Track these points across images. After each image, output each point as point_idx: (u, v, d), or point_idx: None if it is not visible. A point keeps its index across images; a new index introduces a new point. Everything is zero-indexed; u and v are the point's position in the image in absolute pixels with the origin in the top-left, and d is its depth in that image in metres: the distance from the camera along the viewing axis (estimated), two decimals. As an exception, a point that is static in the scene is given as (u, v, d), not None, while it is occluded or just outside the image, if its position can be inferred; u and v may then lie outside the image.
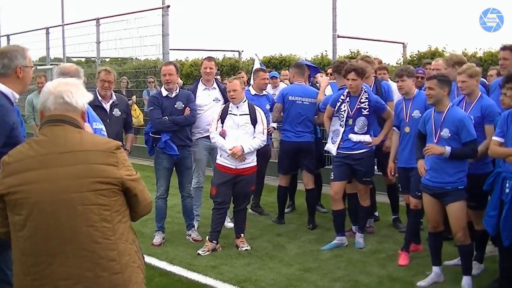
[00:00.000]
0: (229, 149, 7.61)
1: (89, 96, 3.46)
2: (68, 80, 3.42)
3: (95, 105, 6.90)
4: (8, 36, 22.90)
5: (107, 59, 20.46)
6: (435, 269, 6.52)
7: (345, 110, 7.76)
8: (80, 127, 3.33)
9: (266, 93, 9.67)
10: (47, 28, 19.98)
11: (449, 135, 6.18)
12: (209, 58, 9.06)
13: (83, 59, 22.39)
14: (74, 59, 23.52)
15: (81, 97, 3.33)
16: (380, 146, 8.08)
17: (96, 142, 3.28)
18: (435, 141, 6.27)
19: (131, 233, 3.33)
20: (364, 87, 7.86)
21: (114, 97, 7.78)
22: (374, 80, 8.51)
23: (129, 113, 8.28)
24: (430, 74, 7.60)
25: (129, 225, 3.34)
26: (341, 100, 7.84)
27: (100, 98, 7.60)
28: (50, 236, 3.07)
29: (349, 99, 7.80)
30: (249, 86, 9.87)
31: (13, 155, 3.20)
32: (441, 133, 6.24)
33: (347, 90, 7.85)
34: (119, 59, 19.46)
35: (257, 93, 9.42)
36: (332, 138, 8.08)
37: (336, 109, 7.88)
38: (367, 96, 7.77)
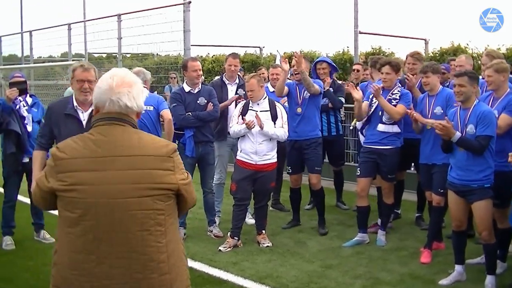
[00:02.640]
0: (245, 123, 7.62)
1: (146, 94, 3.40)
2: (127, 77, 3.27)
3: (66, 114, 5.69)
4: (30, 32, 23.07)
5: (128, 55, 20.54)
6: (458, 267, 6.48)
7: (376, 102, 7.74)
8: (137, 127, 3.28)
9: None
10: (69, 24, 20.09)
11: (474, 131, 6.13)
12: (234, 55, 9.07)
13: (104, 55, 22.47)
14: (96, 55, 23.66)
15: (140, 97, 3.27)
16: (413, 144, 7.93)
17: (154, 146, 3.21)
18: None
19: (177, 232, 3.33)
20: (398, 83, 7.85)
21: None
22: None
23: None
24: (456, 71, 7.54)
25: (177, 225, 3.36)
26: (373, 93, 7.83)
27: (75, 104, 5.77)
28: (102, 238, 3.06)
29: (381, 92, 7.75)
30: (268, 82, 9.84)
31: (66, 150, 3.13)
32: (467, 130, 6.18)
33: (381, 84, 7.84)
34: (140, 54, 19.51)
35: (275, 90, 9.35)
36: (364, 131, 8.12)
37: (369, 103, 7.85)
38: (399, 89, 7.76)
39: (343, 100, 9.57)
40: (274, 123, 7.75)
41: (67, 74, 19.87)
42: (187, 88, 8.16)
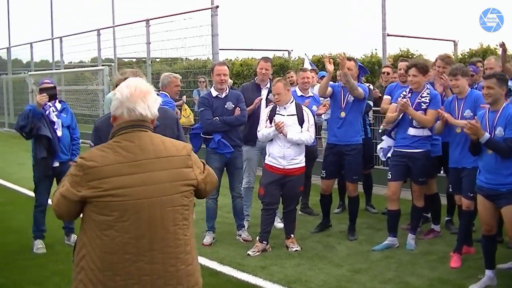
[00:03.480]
0: (276, 123, 7.59)
1: (160, 100, 3.59)
2: (140, 85, 3.46)
3: None
4: (60, 38, 23.38)
5: (158, 59, 20.67)
6: (488, 272, 6.40)
7: None
8: (153, 131, 3.50)
9: (312, 94, 9.54)
10: (98, 30, 20.34)
11: (503, 133, 6.07)
12: (266, 59, 9.07)
13: (134, 60, 22.66)
14: (126, 60, 23.86)
15: (155, 105, 3.47)
16: (445, 149, 7.88)
17: (176, 147, 3.47)
18: None
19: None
20: (428, 85, 7.79)
21: None
22: None
23: None
24: (486, 73, 7.48)
25: (193, 215, 3.61)
26: (402, 96, 7.79)
27: None
28: (141, 236, 3.26)
29: (410, 94, 7.73)
30: (297, 86, 9.81)
31: (95, 159, 3.26)
32: (496, 132, 6.12)
33: (410, 87, 7.81)
34: (169, 59, 19.63)
35: (303, 94, 9.34)
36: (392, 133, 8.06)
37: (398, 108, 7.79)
38: (428, 92, 7.69)
39: (371, 103, 9.54)
40: (301, 127, 7.73)
41: (96, 79, 20.10)
42: (214, 93, 8.18)
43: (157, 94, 3.58)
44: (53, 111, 7.95)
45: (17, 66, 35.24)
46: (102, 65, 19.63)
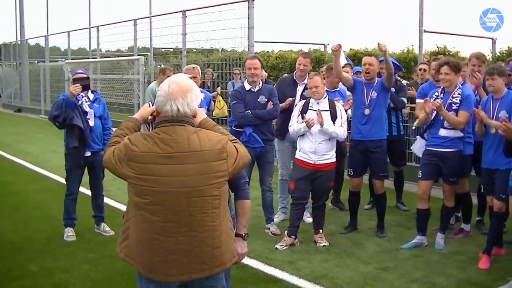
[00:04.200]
0: (305, 121, 7.62)
1: (201, 97, 3.85)
2: (182, 83, 3.70)
3: None
4: (97, 27, 23.57)
5: (194, 50, 20.74)
6: None
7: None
8: (194, 126, 3.77)
9: (338, 89, 9.46)
10: (135, 20, 20.49)
11: None
12: (305, 55, 9.08)
13: (171, 50, 22.78)
14: (163, 49, 23.99)
15: (194, 102, 3.71)
16: (478, 148, 7.78)
17: (210, 142, 3.67)
18: None
19: (228, 211, 3.88)
20: (460, 84, 7.69)
21: None
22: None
23: None
24: None
25: (227, 205, 3.87)
26: (434, 96, 7.72)
27: None
28: (168, 220, 3.56)
29: (443, 94, 7.67)
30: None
31: (137, 144, 3.60)
32: None
33: (442, 86, 7.74)
34: (206, 50, 19.68)
35: (328, 89, 9.27)
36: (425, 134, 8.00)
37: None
38: (460, 92, 7.58)
39: (405, 100, 9.49)
40: (334, 123, 7.71)
41: (132, 68, 20.23)
42: (247, 86, 8.21)
43: None
44: (86, 101, 8.03)
45: (55, 53, 35.68)
46: (138, 55, 19.74)
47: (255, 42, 14.95)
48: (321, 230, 8.02)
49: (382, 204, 8.59)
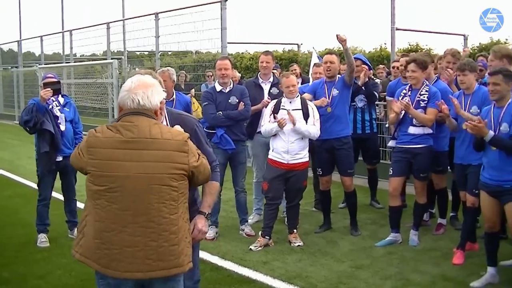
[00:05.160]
0: (277, 121, 7.59)
1: (164, 95, 3.89)
2: (145, 80, 3.79)
3: None
4: (70, 31, 23.41)
5: (169, 53, 20.69)
6: (490, 269, 6.34)
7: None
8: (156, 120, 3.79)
9: None
10: (108, 23, 20.35)
11: (508, 129, 5.98)
12: (266, 53, 9.05)
13: (146, 53, 22.72)
14: (138, 53, 23.90)
15: (156, 96, 3.76)
16: (453, 144, 7.80)
17: (172, 133, 3.74)
18: None
19: (187, 213, 3.83)
20: (426, 81, 7.74)
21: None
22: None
23: None
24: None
25: (187, 206, 3.83)
26: (402, 94, 7.75)
27: None
28: (126, 208, 3.55)
29: (410, 92, 7.70)
30: (302, 81, 9.76)
31: (101, 131, 3.67)
32: (500, 128, 6.04)
33: (409, 84, 7.76)
34: (181, 52, 19.63)
35: None
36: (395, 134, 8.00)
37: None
38: (427, 89, 7.63)
39: (376, 95, 9.56)
40: (306, 122, 7.70)
41: (106, 72, 20.13)
42: (218, 87, 8.18)
43: None
44: (56, 106, 7.93)
45: (30, 59, 35.47)
46: (112, 59, 19.66)
47: (228, 43, 14.96)
48: (295, 230, 8.00)
49: (353, 201, 8.60)
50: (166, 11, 17.12)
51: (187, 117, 4.52)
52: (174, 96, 7.93)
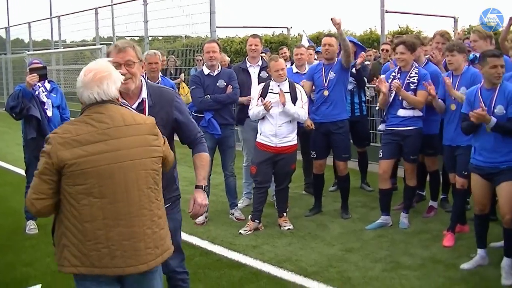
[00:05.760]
0: (263, 103, 7.56)
1: (120, 79, 3.66)
2: (98, 70, 3.56)
3: None
4: (58, 17, 23.26)
5: (160, 37, 20.60)
6: (480, 251, 6.32)
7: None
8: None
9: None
10: (96, 9, 20.20)
11: (504, 112, 5.90)
12: (254, 35, 9.00)
13: (136, 38, 22.59)
14: (128, 38, 23.76)
15: (112, 87, 3.59)
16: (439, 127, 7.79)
17: (141, 117, 3.71)
18: None
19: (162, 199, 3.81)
20: (415, 64, 7.69)
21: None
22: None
23: None
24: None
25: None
26: (392, 77, 7.70)
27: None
28: (117, 199, 3.44)
29: (399, 74, 7.65)
30: (292, 64, 9.70)
31: (69, 130, 3.45)
32: (495, 111, 5.94)
33: (398, 66, 7.72)
34: (171, 37, 19.54)
35: (298, 71, 9.23)
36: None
37: (389, 87, 7.68)
38: (417, 71, 7.59)
39: (365, 79, 9.50)
40: (294, 105, 7.66)
41: (95, 58, 19.99)
42: (206, 71, 8.11)
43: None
44: (43, 91, 7.85)
45: (19, 45, 35.17)
46: (101, 44, 19.52)
47: (218, 27, 14.90)
48: (285, 214, 7.98)
49: (346, 185, 8.57)
50: (155, -5, 17.02)
51: (166, 89, 4.48)
52: (160, 80, 7.91)
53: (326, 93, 8.21)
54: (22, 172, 10.54)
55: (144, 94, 4.22)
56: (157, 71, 7.97)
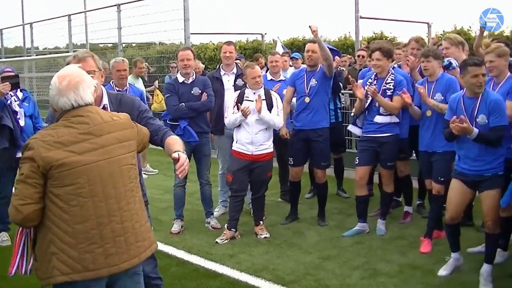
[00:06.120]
0: (241, 109, 7.50)
1: (93, 84, 3.75)
2: (72, 76, 3.59)
3: None
4: (31, 24, 23.05)
5: (133, 44, 20.47)
6: (454, 254, 6.33)
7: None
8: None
9: (284, 78, 9.32)
10: (69, 15, 20.02)
11: (486, 121, 5.86)
12: (229, 43, 8.94)
13: (110, 45, 22.45)
14: (102, 45, 23.61)
15: (88, 91, 3.63)
16: (415, 131, 7.72)
17: (116, 115, 3.76)
18: None
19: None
20: (392, 69, 7.68)
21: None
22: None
23: None
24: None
25: None
26: (368, 83, 7.68)
27: None
28: (108, 196, 3.49)
29: (376, 81, 7.64)
30: (267, 71, 9.66)
31: (49, 134, 3.45)
32: (478, 120, 5.90)
33: (375, 73, 7.71)
34: (145, 44, 19.46)
35: (273, 78, 9.18)
36: (358, 121, 7.93)
37: (365, 94, 7.65)
38: (393, 77, 7.57)
39: (341, 85, 9.49)
40: (270, 112, 7.61)
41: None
42: (180, 79, 8.04)
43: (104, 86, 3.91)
44: (15, 101, 7.74)
45: (-9, 53, 34.83)
46: (74, 51, 19.33)
47: (192, 34, 14.85)
48: (261, 222, 7.93)
49: (323, 193, 8.53)
50: (128, 3, 16.91)
51: (126, 95, 4.67)
52: (128, 87, 7.85)
53: (307, 100, 8.15)
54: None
55: (105, 101, 4.40)
56: (125, 78, 7.96)
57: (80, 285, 3.43)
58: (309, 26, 7.89)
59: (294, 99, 8.60)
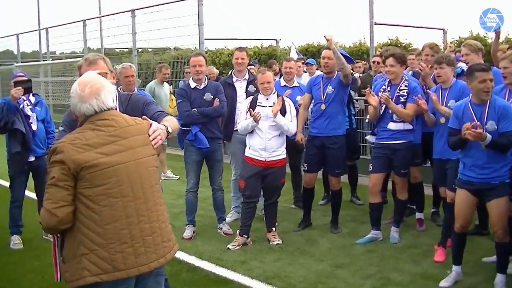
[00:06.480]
0: (252, 114, 7.45)
1: (114, 89, 3.94)
2: (93, 82, 3.64)
3: None
4: (47, 29, 23.17)
5: (149, 49, 20.53)
6: (456, 268, 6.22)
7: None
8: None
9: (298, 84, 9.30)
10: (84, 21, 20.12)
11: (496, 127, 5.80)
12: (240, 49, 8.93)
13: (125, 50, 22.53)
14: (118, 50, 23.70)
15: (109, 96, 3.68)
16: (428, 137, 7.67)
17: (137, 119, 3.84)
18: None
19: None
20: (406, 76, 7.63)
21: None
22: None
23: None
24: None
25: None
26: (382, 90, 7.62)
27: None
28: (137, 196, 3.57)
29: (389, 87, 7.58)
30: (281, 77, 9.61)
31: (77, 137, 3.50)
32: (487, 126, 5.83)
33: (388, 79, 7.65)
34: (160, 49, 19.51)
35: (286, 84, 9.14)
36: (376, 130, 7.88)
37: (379, 100, 7.59)
38: (407, 84, 7.51)
39: (352, 92, 9.45)
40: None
41: (83, 70, 19.88)
42: (193, 84, 8.02)
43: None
44: (27, 105, 7.79)
45: (9, 57, 35.04)
46: (89, 56, 19.42)
47: (206, 39, 14.88)
48: (274, 228, 7.88)
49: (337, 200, 8.47)
50: (143, 8, 16.97)
51: (135, 95, 4.78)
52: (136, 91, 7.86)
53: (323, 107, 8.09)
54: (6, 184, 10.44)
55: (115, 102, 4.40)
56: (133, 84, 7.97)
57: (107, 285, 3.46)
58: (324, 36, 7.84)
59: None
